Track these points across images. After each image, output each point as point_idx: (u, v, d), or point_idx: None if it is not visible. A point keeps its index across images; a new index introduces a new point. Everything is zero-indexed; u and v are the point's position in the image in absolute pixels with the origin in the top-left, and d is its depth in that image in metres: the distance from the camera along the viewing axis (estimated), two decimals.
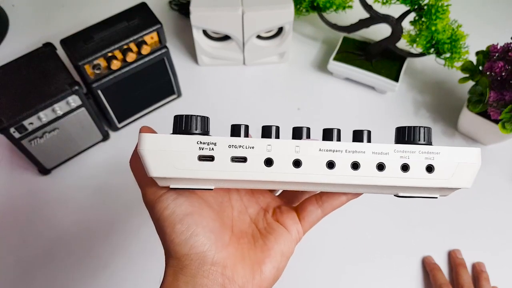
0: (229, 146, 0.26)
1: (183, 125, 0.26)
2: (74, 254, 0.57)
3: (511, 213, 0.60)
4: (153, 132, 0.29)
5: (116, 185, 0.62)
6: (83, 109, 0.57)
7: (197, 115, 0.27)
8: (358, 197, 0.31)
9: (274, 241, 0.30)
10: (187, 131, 0.26)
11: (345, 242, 0.58)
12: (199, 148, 0.26)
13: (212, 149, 0.26)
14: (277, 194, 0.36)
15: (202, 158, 0.26)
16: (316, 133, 0.30)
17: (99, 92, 0.58)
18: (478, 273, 0.54)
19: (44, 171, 0.61)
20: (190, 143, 0.26)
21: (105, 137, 0.65)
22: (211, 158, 0.26)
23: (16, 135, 0.52)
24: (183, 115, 0.26)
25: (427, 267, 0.55)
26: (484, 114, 0.60)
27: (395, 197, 0.29)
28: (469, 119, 0.62)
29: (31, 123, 0.53)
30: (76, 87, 0.53)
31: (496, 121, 0.58)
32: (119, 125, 0.66)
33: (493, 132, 0.60)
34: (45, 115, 0.53)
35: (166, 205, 0.28)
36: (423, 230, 0.59)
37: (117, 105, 0.62)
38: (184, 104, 0.69)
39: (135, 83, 0.61)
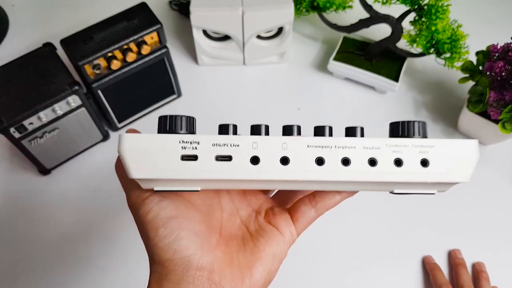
0: (213, 145, 0.25)
1: (167, 125, 0.25)
2: (74, 253, 0.57)
3: (511, 213, 0.60)
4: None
5: (116, 185, 0.61)
6: (83, 109, 0.57)
7: (182, 115, 0.26)
8: (352, 195, 0.30)
9: (265, 243, 0.28)
10: (172, 132, 0.25)
11: (345, 242, 0.58)
12: (182, 147, 0.24)
13: (196, 148, 0.24)
14: (271, 195, 0.35)
15: (185, 157, 0.24)
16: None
17: (99, 92, 0.58)
18: (478, 273, 0.54)
19: (44, 171, 0.61)
20: (172, 142, 0.24)
21: (105, 137, 0.65)
22: (194, 158, 0.24)
23: (16, 135, 0.52)
24: (167, 115, 0.25)
25: (427, 267, 0.55)
26: (484, 114, 0.60)
27: (391, 194, 0.28)
28: (469, 119, 0.62)
29: (31, 123, 0.53)
30: (76, 87, 0.53)
31: (496, 121, 0.58)
32: (119, 125, 0.66)
33: (493, 132, 0.60)
34: (45, 115, 0.53)
35: (150, 208, 0.27)
36: (423, 230, 0.59)
37: (117, 105, 0.62)
38: (184, 104, 0.69)
39: (135, 83, 0.61)
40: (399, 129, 0.27)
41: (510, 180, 0.63)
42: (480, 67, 0.60)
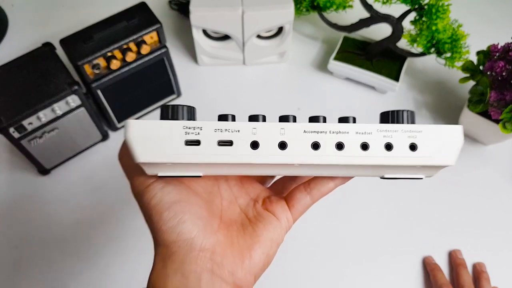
0: (215, 130, 0.26)
1: (169, 114, 0.27)
2: (74, 253, 0.57)
3: (511, 213, 0.60)
4: None
5: (116, 184, 0.61)
6: (82, 109, 0.57)
7: (184, 105, 0.27)
8: (345, 182, 0.32)
9: (263, 228, 0.30)
10: (174, 119, 0.27)
11: (346, 242, 0.58)
12: (185, 132, 0.26)
13: (198, 133, 0.26)
14: (268, 186, 0.37)
15: (188, 142, 0.26)
16: None
17: (99, 92, 0.58)
18: (478, 273, 0.54)
19: (43, 171, 0.61)
20: (176, 128, 0.26)
21: (105, 137, 0.65)
22: (197, 143, 0.26)
23: (16, 135, 0.52)
24: (169, 105, 0.27)
25: (428, 267, 0.55)
26: (485, 114, 0.59)
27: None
28: (469, 119, 0.62)
29: (31, 123, 0.53)
30: (76, 87, 0.53)
31: (496, 121, 0.58)
32: (119, 125, 0.66)
33: (493, 132, 0.60)
34: (44, 115, 0.53)
35: (154, 193, 0.28)
36: (423, 230, 0.58)
37: (117, 105, 0.62)
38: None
39: (134, 83, 0.61)
40: (388, 118, 0.28)
41: (510, 180, 0.63)
42: (481, 67, 0.60)
